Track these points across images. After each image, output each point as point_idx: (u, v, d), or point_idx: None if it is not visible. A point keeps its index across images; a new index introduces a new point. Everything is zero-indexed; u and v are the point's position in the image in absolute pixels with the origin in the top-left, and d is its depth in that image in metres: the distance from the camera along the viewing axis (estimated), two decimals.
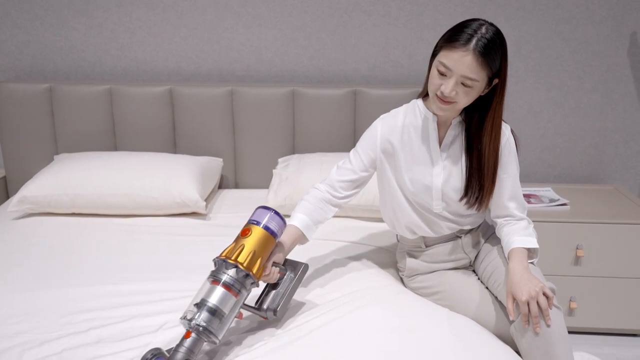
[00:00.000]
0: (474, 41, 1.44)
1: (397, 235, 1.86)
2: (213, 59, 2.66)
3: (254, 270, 1.40)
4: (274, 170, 2.43)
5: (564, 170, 2.75)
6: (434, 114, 1.62)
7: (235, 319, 1.40)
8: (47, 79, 2.69)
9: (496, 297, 1.63)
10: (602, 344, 2.32)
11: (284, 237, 1.56)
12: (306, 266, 1.57)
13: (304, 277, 1.57)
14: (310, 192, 1.70)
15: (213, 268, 1.44)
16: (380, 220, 2.21)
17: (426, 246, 1.76)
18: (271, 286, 1.53)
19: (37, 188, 2.23)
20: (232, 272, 1.37)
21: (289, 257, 1.60)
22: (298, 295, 1.64)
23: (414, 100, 1.69)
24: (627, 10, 2.54)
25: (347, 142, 2.59)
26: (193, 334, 1.30)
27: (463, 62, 1.45)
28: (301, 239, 1.62)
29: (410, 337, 1.44)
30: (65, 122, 2.59)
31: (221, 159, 2.58)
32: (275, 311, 1.46)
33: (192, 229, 2.15)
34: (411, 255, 1.79)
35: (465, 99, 1.51)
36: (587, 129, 2.69)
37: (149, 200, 2.21)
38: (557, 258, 2.27)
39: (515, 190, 1.66)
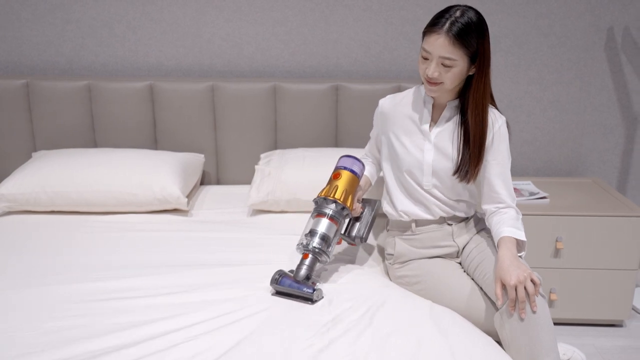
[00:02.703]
0: (447, 24, 1.57)
1: (387, 221, 1.93)
2: (194, 54, 2.64)
3: (348, 204, 1.72)
4: (256, 166, 2.42)
5: (543, 164, 2.79)
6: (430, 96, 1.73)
7: (337, 245, 1.74)
8: (24, 74, 2.64)
9: (481, 288, 1.66)
10: (582, 335, 2.36)
11: (361, 181, 1.85)
12: (379, 202, 1.91)
13: (379, 211, 1.91)
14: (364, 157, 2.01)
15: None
16: None
17: (417, 227, 1.80)
18: (354, 219, 1.85)
19: (15, 186, 2.19)
20: (332, 206, 1.70)
21: None
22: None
23: (417, 86, 1.83)
24: (604, 5, 2.57)
25: (329, 136, 2.59)
26: (310, 255, 1.64)
27: (438, 44, 1.58)
28: (370, 184, 1.94)
29: (393, 330, 1.45)
30: (43, 119, 2.55)
31: (203, 155, 2.56)
32: (361, 238, 1.82)
33: (173, 226, 2.14)
34: (400, 239, 1.83)
35: (449, 79, 1.62)
36: (566, 122, 2.73)
37: (129, 197, 2.18)
38: (537, 250, 2.30)
39: (505, 178, 1.72)
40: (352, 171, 1.78)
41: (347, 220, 1.81)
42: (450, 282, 1.69)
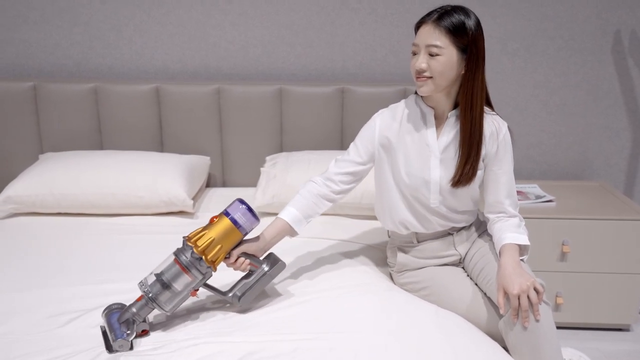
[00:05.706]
0: (435, 15, 1.55)
1: (388, 231, 1.88)
2: (200, 57, 2.65)
3: (208, 256, 1.48)
4: (261, 169, 2.42)
5: (549, 167, 2.78)
6: (429, 106, 1.66)
7: (191, 296, 1.50)
8: (32, 77, 2.66)
9: (485, 293, 1.65)
10: (588, 339, 2.35)
11: (267, 232, 1.63)
12: (282, 264, 1.61)
13: (278, 274, 1.61)
14: (306, 185, 1.72)
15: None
16: (369, 217, 2.22)
17: (418, 242, 1.77)
18: (245, 276, 1.58)
19: (22, 188, 2.20)
20: (188, 253, 1.47)
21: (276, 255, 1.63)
22: (284, 286, 1.68)
23: (412, 95, 1.72)
24: (611, 8, 2.57)
25: (334, 139, 2.60)
26: (143, 300, 1.44)
27: (424, 33, 1.55)
28: (290, 232, 1.67)
29: (397, 333, 1.45)
30: (50, 121, 2.56)
31: (208, 158, 2.57)
32: (239, 298, 1.53)
33: (179, 228, 2.14)
34: (402, 251, 1.80)
35: (437, 70, 1.55)
36: (573, 125, 2.72)
37: (135, 200, 2.19)
38: (544, 254, 2.29)
39: (510, 186, 1.69)
40: (233, 221, 1.51)
41: (210, 274, 1.52)
42: (454, 288, 1.67)
